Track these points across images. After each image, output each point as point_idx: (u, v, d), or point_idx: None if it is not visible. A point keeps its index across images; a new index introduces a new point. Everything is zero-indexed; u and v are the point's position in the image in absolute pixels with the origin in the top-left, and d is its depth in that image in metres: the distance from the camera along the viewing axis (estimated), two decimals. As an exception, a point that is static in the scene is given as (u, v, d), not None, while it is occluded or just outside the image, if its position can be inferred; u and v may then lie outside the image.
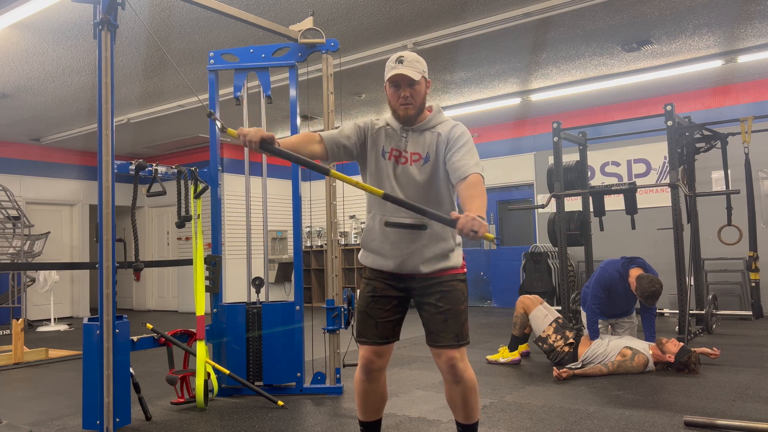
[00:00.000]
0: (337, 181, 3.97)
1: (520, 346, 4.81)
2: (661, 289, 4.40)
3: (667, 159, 5.83)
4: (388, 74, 2.22)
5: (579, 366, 4.26)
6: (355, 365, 2.52)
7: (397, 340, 2.33)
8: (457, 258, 2.29)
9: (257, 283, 4.08)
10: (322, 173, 2.15)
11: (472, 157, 2.16)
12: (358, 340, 2.31)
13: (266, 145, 2.04)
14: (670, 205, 5.66)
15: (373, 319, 2.28)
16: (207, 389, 3.60)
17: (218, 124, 2.21)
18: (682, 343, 4.27)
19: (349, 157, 2.35)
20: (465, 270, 2.33)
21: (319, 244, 11.11)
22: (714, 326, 6.04)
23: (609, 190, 6.08)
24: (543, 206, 6.58)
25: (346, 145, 2.29)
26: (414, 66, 2.20)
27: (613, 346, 4.31)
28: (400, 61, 2.20)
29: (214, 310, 4.02)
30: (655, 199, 7.90)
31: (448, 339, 2.20)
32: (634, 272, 4.56)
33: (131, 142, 9.76)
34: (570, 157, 6.77)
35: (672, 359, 4.19)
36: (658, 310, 6.51)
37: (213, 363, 3.76)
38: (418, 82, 2.20)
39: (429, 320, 2.24)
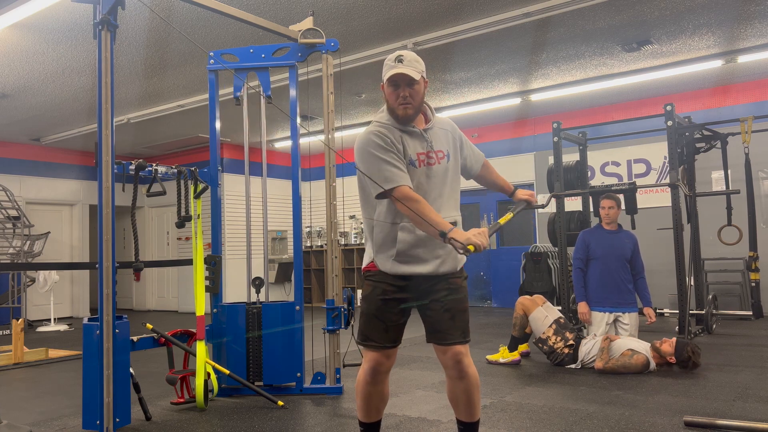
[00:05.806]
0: (336, 181, 3.99)
1: (520, 346, 4.81)
2: None
3: (667, 159, 5.83)
4: (387, 73, 2.19)
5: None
6: (355, 365, 2.52)
7: (401, 342, 2.33)
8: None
9: (257, 283, 4.08)
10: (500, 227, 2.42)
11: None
12: (365, 344, 2.26)
13: (490, 233, 2.10)
14: (670, 205, 5.66)
15: (383, 323, 2.24)
16: (207, 389, 3.60)
17: (460, 251, 2.01)
18: (675, 338, 4.29)
19: None
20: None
21: (319, 244, 11.11)
22: (714, 326, 6.04)
23: (609, 190, 6.07)
24: (543, 206, 6.57)
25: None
26: (414, 65, 2.18)
27: (615, 348, 4.32)
28: (399, 60, 2.18)
29: (214, 310, 4.02)
30: (655, 199, 7.90)
31: (456, 336, 2.21)
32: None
33: (131, 142, 9.76)
34: (570, 157, 6.77)
35: (674, 360, 4.20)
36: (657, 311, 6.53)
37: (213, 363, 3.76)
38: (417, 82, 2.19)
39: (436, 318, 2.23)
